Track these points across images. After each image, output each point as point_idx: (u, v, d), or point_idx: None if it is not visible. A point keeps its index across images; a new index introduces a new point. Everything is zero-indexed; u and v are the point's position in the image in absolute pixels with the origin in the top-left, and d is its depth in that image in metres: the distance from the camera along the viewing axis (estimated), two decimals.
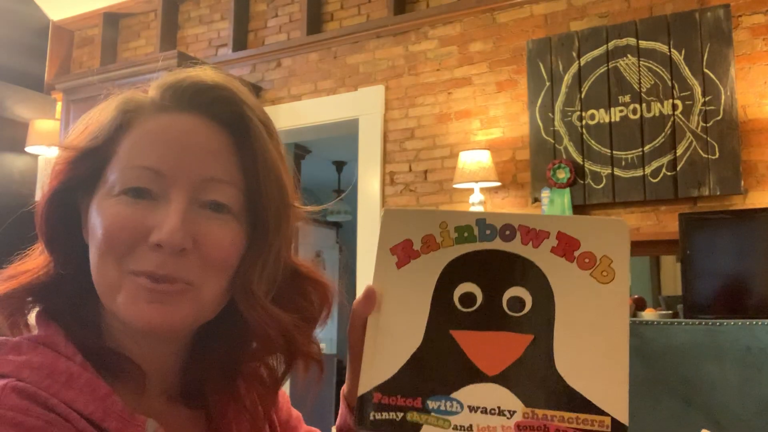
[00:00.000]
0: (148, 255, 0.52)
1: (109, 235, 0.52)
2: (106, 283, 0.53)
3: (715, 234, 2.53)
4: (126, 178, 0.53)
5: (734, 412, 1.17)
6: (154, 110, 0.56)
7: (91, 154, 0.55)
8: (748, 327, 1.21)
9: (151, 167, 0.53)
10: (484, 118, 3.26)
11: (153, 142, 0.54)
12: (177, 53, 3.50)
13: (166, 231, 0.51)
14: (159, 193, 0.53)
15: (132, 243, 0.52)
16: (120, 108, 0.56)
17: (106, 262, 0.52)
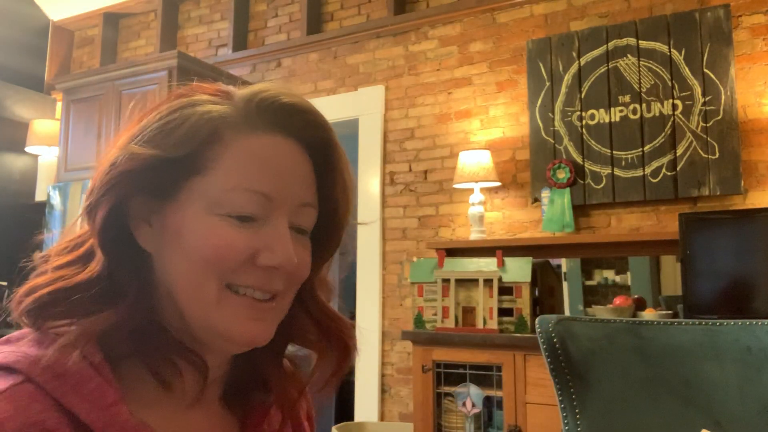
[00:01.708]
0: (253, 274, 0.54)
1: (221, 254, 0.53)
2: (204, 297, 0.54)
3: (715, 234, 2.53)
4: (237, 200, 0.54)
5: (734, 412, 1.17)
6: (248, 127, 0.55)
7: (172, 162, 0.54)
8: (748, 327, 1.21)
9: (263, 192, 0.54)
10: (484, 118, 3.26)
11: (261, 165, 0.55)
12: (177, 53, 3.49)
13: (282, 256, 0.54)
14: (263, 216, 0.55)
15: (241, 264, 0.54)
16: (206, 117, 0.55)
17: (207, 278, 0.53)
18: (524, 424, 2.48)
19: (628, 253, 2.85)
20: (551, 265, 2.99)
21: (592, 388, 1.25)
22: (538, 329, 1.29)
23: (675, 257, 2.70)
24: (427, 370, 2.70)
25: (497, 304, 2.65)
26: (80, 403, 0.48)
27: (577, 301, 2.93)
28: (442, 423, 2.69)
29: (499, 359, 2.56)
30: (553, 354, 1.26)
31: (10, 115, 4.30)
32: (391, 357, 3.34)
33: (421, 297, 2.84)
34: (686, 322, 1.26)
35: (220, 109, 0.56)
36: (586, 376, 1.25)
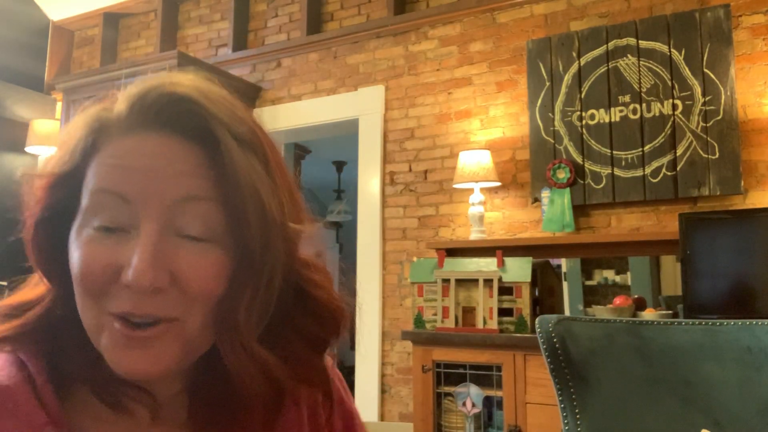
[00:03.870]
0: (122, 295, 0.48)
1: (84, 274, 0.48)
2: (88, 323, 0.50)
3: (715, 234, 2.53)
4: (95, 206, 0.49)
5: (734, 412, 1.17)
6: (122, 129, 0.51)
7: (64, 179, 0.51)
8: (748, 327, 1.21)
9: (116, 191, 0.49)
10: (484, 118, 3.26)
11: (115, 166, 0.49)
12: (177, 53, 3.49)
13: (134, 272, 0.46)
14: (129, 225, 0.49)
15: (106, 283, 0.48)
16: (87, 128, 0.52)
17: (85, 302, 0.49)
18: (524, 424, 2.48)
19: (628, 253, 2.85)
20: (551, 265, 2.99)
21: (592, 388, 1.25)
22: (538, 329, 1.29)
23: (675, 257, 2.70)
24: (427, 370, 2.70)
25: (497, 304, 2.65)
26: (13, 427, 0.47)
27: (577, 301, 2.93)
28: (442, 423, 2.69)
29: (499, 359, 2.56)
30: (553, 354, 1.26)
31: (10, 115, 4.30)
32: (391, 357, 3.34)
33: (421, 297, 2.84)
34: (686, 322, 1.26)
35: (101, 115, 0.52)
36: (586, 376, 1.25)
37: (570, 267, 2.97)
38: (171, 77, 0.52)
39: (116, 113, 0.52)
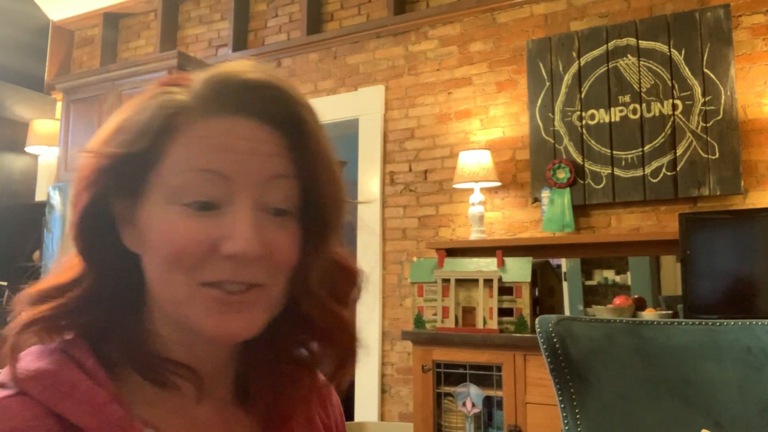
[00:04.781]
0: (220, 265, 0.51)
1: (179, 248, 0.51)
2: (175, 295, 0.52)
3: (715, 234, 2.53)
4: (190, 184, 0.51)
5: (734, 412, 1.17)
6: (202, 112, 0.53)
7: (133, 158, 0.52)
8: (748, 327, 1.21)
9: (216, 170, 0.51)
10: (484, 118, 3.26)
11: (211, 146, 0.52)
12: (177, 53, 3.49)
13: (242, 242, 0.51)
14: (224, 201, 0.52)
15: (203, 256, 0.51)
16: (161, 108, 0.53)
17: (174, 274, 0.51)
18: (524, 424, 2.48)
19: (628, 253, 2.85)
20: (551, 265, 2.99)
21: (592, 388, 1.25)
22: (538, 329, 1.29)
23: (675, 257, 2.70)
24: (427, 370, 2.70)
25: (497, 304, 2.65)
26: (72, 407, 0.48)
27: (577, 301, 2.93)
28: (442, 423, 2.69)
29: (499, 359, 2.55)
30: (553, 354, 1.26)
31: (10, 115, 4.30)
32: (391, 357, 3.34)
33: (421, 297, 2.84)
34: (686, 322, 1.26)
35: (176, 97, 0.54)
36: (586, 376, 1.25)
37: (570, 267, 2.97)
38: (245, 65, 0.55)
39: (195, 96, 0.53)
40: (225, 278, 0.51)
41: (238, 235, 0.51)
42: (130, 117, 0.54)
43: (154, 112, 0.53)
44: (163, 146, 0.52)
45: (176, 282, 0.52)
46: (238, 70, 0.54)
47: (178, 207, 0.51)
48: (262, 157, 0.53)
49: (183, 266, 0.51)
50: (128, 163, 0.52)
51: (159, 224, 0.52)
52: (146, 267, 0.54)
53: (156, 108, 0.53)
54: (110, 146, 0.53)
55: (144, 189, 0.53)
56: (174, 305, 0.53)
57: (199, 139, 0.52)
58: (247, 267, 0.52)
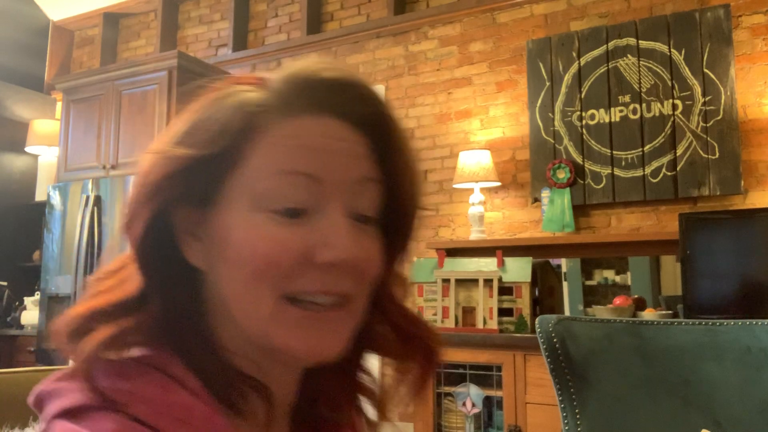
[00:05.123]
0: (312, 276, 0.47)
1: (270, 259, 0.46)
2: (259, 311, 0.47)
3: (715, 234, 2.53)
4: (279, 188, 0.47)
5: (734, 412, 1.17)
6: (286, 111, 0.49)
7: (208, 161, 0.47)
8: (748, 327, 1.21)
9: (309, 173, 0.47)
10: (484, 118, 3.26)
11: (302, 147, 0.48)
12: (177, 53, 3.49)
13: (340, 250, 0.47)
14: (314, 206, 0.48)
15: (295, 266, 0.47)
16: (240, 107, 0.48)
17: (260, 288, 0.47)
18: (524, 424, 2.48)
19: (628, 253, 2.85)
20: (551, 265, 2.99)
21: (592, 388, 1.25)
22: (538, 329, 1.29)
23: (675, 257, 2.70)
24: None
25: (497, 304, 2.65)
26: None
27: (577, 301, 2.93)
28: (442, 423, 2.69)
29: (499, 359, 2.55)
30: (553, 354, 1.26)
31: (10, 115, 4.30)
32: None
33: (421, 297, 2.84)
34: (686, 322, 1.26)
35: (254, 96, 0.49)
36: (586, 376, 1.25)
37: (570, 267, 2.97)
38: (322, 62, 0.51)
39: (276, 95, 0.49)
40: (317, 289, 0.47)
41: (336, 241, 0.47)
42: (205, 116, 0.49)
43: (232, 110, 0.48)
44: (243, 148, 0.48)
45: (261, 297, 0.47)
46: (318, 68, 0.50)
47: (265, 214, 0.47)
48: (352, 159, 0.49)
49: (271, 279, 0.46)
50: (202, 166, 0.47)
51: (244, 234, 0.47)
52: (218, 282, 0.49)
53: (234, 107, 0.49)
54: (182, 148, 0.47)
55: (218, 196, 0.48)
56: (257, 322, 0.47)
57: (286, 139, 0.48)
58: (341, 277, 0.48)
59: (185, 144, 0.48)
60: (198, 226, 0.50)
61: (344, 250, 0.47)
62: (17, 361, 3.76)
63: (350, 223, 0.49)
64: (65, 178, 3.80)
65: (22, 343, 3.86)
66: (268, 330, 0.47)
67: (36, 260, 4.15)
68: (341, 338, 0.49)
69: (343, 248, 0.47)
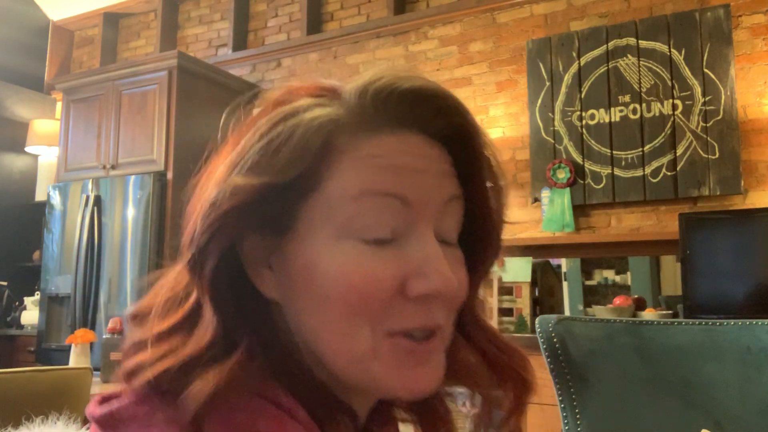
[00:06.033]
0: (407, 309, 0.44)
1: (363, 294, 0.42)
2: (356, 349, 0.43)
3: (715, 234, 2.53)
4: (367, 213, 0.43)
5: (734, 412, 1.17)
6: (366, 128, 0.45)
7: (285, 187, 0.43)
8: (748, 327, 1.21)
9: (398, 194, 0.43)
10: (484, 118, 3.26)
11: (388, 167, 0.44)
12: (177, 53, 3.49)
13: (439, 280, 0.43)
14: (403, 230, 0.44)
15: (390, 300, 0.43)
16: (317, 126, 0.44)
17: (357, 325, 0.43)
18: (524, 424, 2.48)
19: (628, 253, 2.85)
20: (551, 265, 2.99)
21: (592, 388, 1.25)
22: (538, 329, 1.29)
23: (675, 257, 2.70)
24: None
25: (497, 304, 2.65)
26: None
27: (577, 301, 2.93)
28: None
29: None
30: (553, 354, 1.26)
31: (10, 115, 4.30)
32: None
33: None
34: (686, 322, 1.26)
35: (329, 112, 0.45)
36: (586, 376, 1.25)
37: (570, 267, 2.97)
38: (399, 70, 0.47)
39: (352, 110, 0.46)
40: (415, 326, 0.44)
41: (431, 270, 0.43)
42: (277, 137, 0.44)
43: (308, 130, 0.44)
44: (321, 169, 0.44)
45: (358, 333, 0.43)
46: (395, 77, 0.46)
47: (353, 242, 0.43)
48: (438, 177, 0.46)
49: (367, 313, 0.43)
50: (276, 193, 0.43)
51: (331, 264, 0.43)
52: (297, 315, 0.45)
53: (310, 125, 0.44)
54: (256, 176, 0.43)
55: (295, 224, 0.44)
56: (353, 361, 0.44)
57: (369, 159, 0.44)
58: (436, 308, 0.44)
59: (258, 171, 0.43)
60: (272, 255, 0.46)
61: (441, 280, 0.43)
62: (17, 361, 3.76)
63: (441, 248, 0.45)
64: (65, 178, 3.80)
65: (22, 343, 3.86)
66: (367, 366, 0.44)
67: (36, 260, 4.15)
68: (438, 371, 0.46)
69: (440, 278, 0.43)
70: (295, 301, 0.45)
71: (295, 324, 0.46)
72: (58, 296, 3.65)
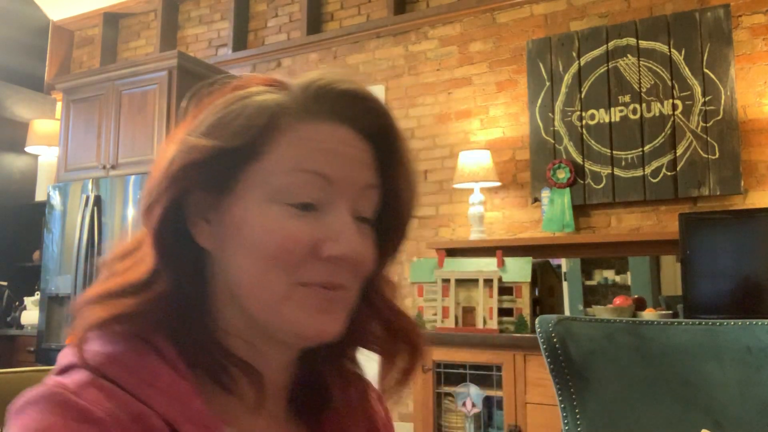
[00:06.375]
0: (318, 267, 0.52)
1: (283, 247, 0.51)
2: (271, 294, 0.51)
3: (715, 234, 2.53)
4: (295, 184, 0.52)
5: (734, 412, 1.17)
6: (305, 115, 0.54)
7: (229, 153, 0.52)
8: (748, 327, 1.20)
9: (323, 174, 0.52)
10: (484, 118, 3.26)
11: (320, 149, 0.53)
12: (177, 53, 3.49)
13: (346, 245, 0.52)
14: (324, 204, 0.53)
15: (305, 256, 0.51)
16: (265, 107, 0.53)
17: (274, 274, 0.51)
18: (524, 424, 2.48)
19: (628, 253, 2.85)
20: (551, 265, 2.99)
21: (592, 388, 1.25)
22: (538, 329, 1.29)
23: (675, 257, 2.70)
24: (427, 370, 2.70)
25: (497, 304, 2.65)
26: (157, 395, 0.48)
27: (577, 301, 2.93)
28: (442, 423, 2.69)
29: (499, 359, 2.56)
30: (553, 354, 1.26)
31: (10, 115, 4.30)
32: None
33: (421, 297, 2.84)
34: (686, 322, 1.26)
35: (276, 97, 0.54)
36: (586, 376, 1.25)
37: (570, 267, 2.97)
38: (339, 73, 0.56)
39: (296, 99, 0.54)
40: (321, 280, 0.52)
41: (342, 238, 0.52)
42: (231, 111, 0.53)
43: (256, 109, 0.53)
44: (263, 143, 0.52)
45: (274, 281, 0.51)
46: (335, 78, 0.55)
47: (280, 206, 0.52)
48: (360, 165, 0.54)
49: (284, 266, 0.51)
50: (224, 157, 0.52)
51: (260, 222, 0.51)
52: (226, 264, 0.53)
53: (259, 105, 0.53)
54: (209, 139, 0.51)
55: (235, 185, 0.53)
56: (268, 304, 0.52)
57: (305, 141, 0.53)
58: (341, 270, 0.53)
59: (212, 136, 0.52)
60: (211, 210, 0.54)
61: (349, 247, 0.52)
62: (17, 361, 3.76)
63: (354, 222, 0.54)
64: (65, 178, 3.80)
65: (22, 343, 3.86)
66: (279, 311, 0.52)
67: (36, 260, 4.15)
68: (339, 320, 0.54)
69: (348, 244, 0.52)
70: (225, 251, 0.53)
71: (222, 271, 0.53)
72: (58, 296, 3.65)
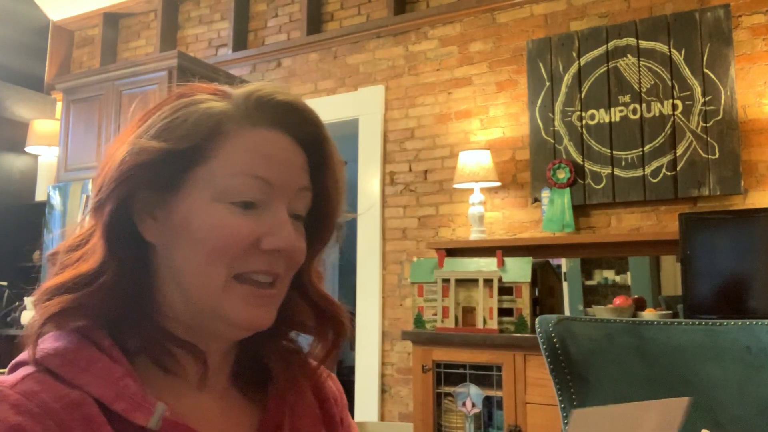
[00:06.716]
0: (258, 258, 0.58)
1: (225, 243, 0.56)
2: (211, 286, 0.57)
3: (715, 234, 2.53)
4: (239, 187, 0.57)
5: (734, 412, 1.17)
6: (247, 122, 0.59)
7: (176, 155, 0.57)
8: (748, 327, 1.20)
9: (264, 178, 0.58)
10: (484, 118, 3.26)
11: (262, 155, 0.58)
12: (177, 53, 3.49)
13: (284, 239, 0.58)
14: (264, 203, 0.59)
15: (245, 250, 0.57)
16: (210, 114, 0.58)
17: (215, 266, 0.57)
18: (524, 424, 2.48)
19: (628, 253, 2.85)
20: (551, 265, 2.99)
21: (592, 388, 1.25)
22: (538, 329, 1.29)
23: (675, 257, 2.70)
24: (427, 370, 2.70)
25: (497, 304, 2.65)
26: (92, 380, 0.52)
27: (577, 301, 2.93)
28: (442, 423, 2.69)
29: (499, 359, 2.55)
30: (553, 354, 1.26)
31: (10, 115, 4.30)
32: (391, 357, 3.34)
33: (421, 297, 2.84)
34: (686, 322, 1.26)
35: (221, 105, 0.59)
36: (586, 376, 1.25)
37: (570, 267, 2.97)
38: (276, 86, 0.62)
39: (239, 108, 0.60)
40: (261, 269, 0.58)
41: (280, 233, 0.58)
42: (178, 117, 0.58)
43: (203, 115, 0.58)
44: (208, 147, 0.58)
45: (215, 273, 0.57)
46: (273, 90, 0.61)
47: (225, 205, 0.57)
48: (296, 169, 0.61)
49: (226, 258, 0.56)
50: (171, 158, 0.56)
51: (206, 219, 0.57)
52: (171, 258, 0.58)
53: (205, 112, 0.58)
54: (158, 142, 0.56)
55: (181, 185, 0.58)
56: (207, 295, 0.57)
57: (249, 146, 0.58)
58: (279, 261, 0.59)
59: (161, 138, 0.57)
60: (157, 208, 0.58)
61: (286, 241, 0.58)
62: None
63: (290, 219, 0.60)
64: (65, 178, 3.80)
65: (22, 343, 3.85)
66: (218, 301, 0.57)
67: (36, 260, 4.15)
68: (272, 312, 0.60)
69: (285, 239, 0.58)
70: (171, 245, 0.58)
71: (168, 263, 0.58)
72: None
